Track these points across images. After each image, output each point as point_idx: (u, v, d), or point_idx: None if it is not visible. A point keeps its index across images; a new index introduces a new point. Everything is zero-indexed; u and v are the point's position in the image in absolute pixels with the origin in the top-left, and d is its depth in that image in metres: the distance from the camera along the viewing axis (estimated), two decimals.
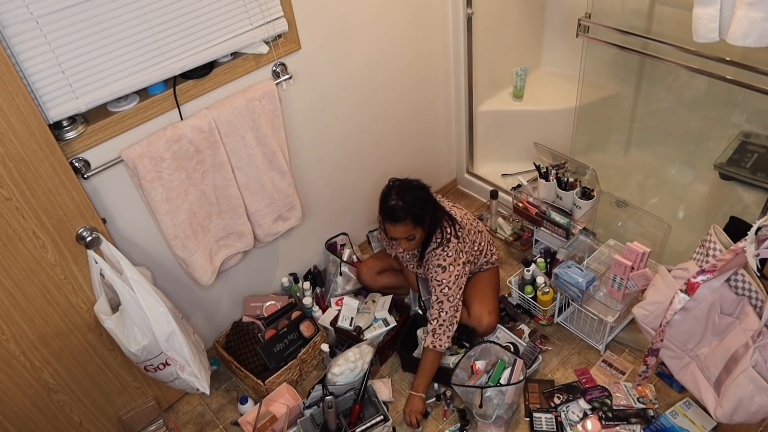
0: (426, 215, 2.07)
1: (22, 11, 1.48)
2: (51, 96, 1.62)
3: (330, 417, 2.01)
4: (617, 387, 2.13)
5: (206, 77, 1.93)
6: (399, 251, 2.33)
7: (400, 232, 2.04)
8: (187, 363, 1.91)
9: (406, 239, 2.07)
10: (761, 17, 1.44)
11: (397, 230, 2.04)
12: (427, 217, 2.07)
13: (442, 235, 2.13)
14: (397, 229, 2.04)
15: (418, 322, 2.41)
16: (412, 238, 2.07)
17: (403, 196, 2.02)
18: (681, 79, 2.34)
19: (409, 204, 2.01)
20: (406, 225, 2.02)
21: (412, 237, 2.07)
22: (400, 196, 2.02)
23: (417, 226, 2.05)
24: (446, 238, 2.13)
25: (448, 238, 2.13)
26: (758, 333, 1.45)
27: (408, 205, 2.01)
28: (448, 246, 2.12)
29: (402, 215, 2.00)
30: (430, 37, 2.58)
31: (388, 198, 2.04)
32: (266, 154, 2.09)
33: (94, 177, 1.79)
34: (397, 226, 2.03)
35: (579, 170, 2.52)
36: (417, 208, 2.03)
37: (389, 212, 2.02)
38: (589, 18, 2.21)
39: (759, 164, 2.15)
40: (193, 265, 2.04)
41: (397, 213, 2.00)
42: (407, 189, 2.05)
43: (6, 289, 1.67)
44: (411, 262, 2.33)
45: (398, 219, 2.01)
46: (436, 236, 2.14)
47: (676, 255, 2.32)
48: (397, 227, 2.03)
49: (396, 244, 2.16)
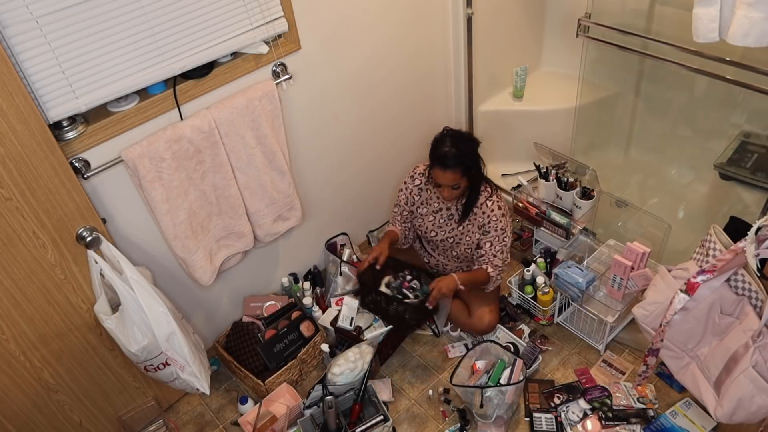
0: (473, 168, 2.12)
1: (22, 11, 1.48)
2: (51, 96, 1.62)
3: (330, 417, 2.01)
4: (617, 387, 2.13)
5: (206, 77, 1.93)
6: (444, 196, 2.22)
7: (449, 179, 2.08)
8: (187, 363, 1.91)
9: (451, 187, 2.11)
10: (761, 17, 1.44)
11: (446, 176, 2.08)
12: (474, 170, 2.13)
13: (491, 186, 2.22)
14: (446, 176, 2.07)
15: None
16: (456, 188, 2.12)
17: (457, 144, 2.07)
18: (681, 79, 2.34)
19: (462, 152, 2.06)
20: (455, 173, 2.07)
21: (457, 186, 2.11)
22: (454, 143, 2.07)
23: (464, 176, 2.10)
24: (495, 188, 2.22)
25: (497, 189, 2.23)
26: (758, 333, 1.45)
27: (461, 153, 2.06)
28: (500, 196, 2.22)
29: (453, 162, 2.05)
30: (430, 37, 2.58)
31: (441, 144, 2.08)
32: (266, 154, 2.09)
33: (94, 177, 1.79)
34: (446, 172, 2.06)
35: (579, 170, 2.52)
36: (468, 158, 2.08)
37: (441, 158, 2.06)
38: (589, 18, 2.21)
39: (759, 164, 2.15)
40: (193, 265, 2.04)
41: (449, 159, 2.05)
42: (460, 138, 2.10)
43: (6, 289, 1.67)
44: (447, 225, 2.33)
45: (449, 165, 2.05)
46: (485, 186, 2.22)
47: (676, 255, 2.32)
48: (447, 173, 2.07)
49: (440, 191, 2.19)
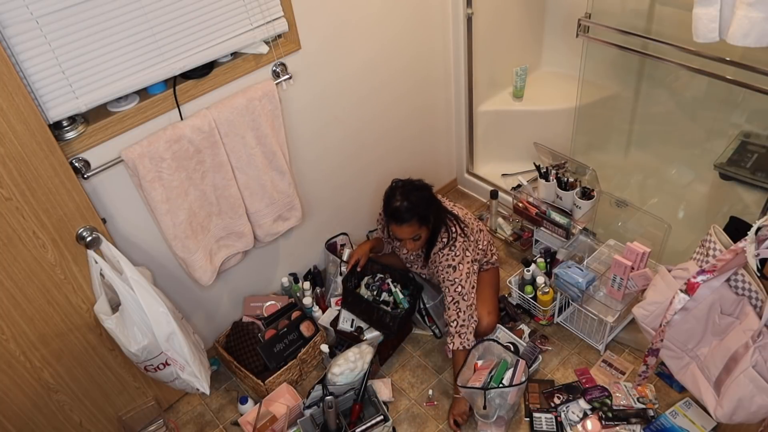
0: (430, 214, 2.08)
1: (22, 11, 1.48)
2: (51, 96, 1.62)
3: (330, 417, 2.01)
4: (617, 387, 2.13)
5: (206, 77, 1.93)
6: (404, 252, 2.33)
7: (406, 233, 2.05)
8: (187, 363, 1.91)
9: (411, 239, 2.08)
10: (761, 17, 1.44)
11: (402, 231, 2.05)
12: (431, 217, 2.08)
13: (449, 235, 2.14)
14: (402, 230, 2.04)
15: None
16: (417, 238, 2.08)
17: (408, 197, 2.02)
18: (681, 79, 2.34)
19: (414, 204, 2.02)
20: (411, 225, 2.03)
21: (417, 237, 2.08)
22: (405, 196, 2.03)
23: (422, 226, 2.06)
24: (452, 237, 2.13)
25: (454, 237, 2.13)
26: (758, 333, 1.45)
27: (413, 205, 2.02)
28: (455, 245, 2.13)
29: (407, 216, 2.01)
30: (430, 37, 2.58)
31: (392, 199, 2.05)
32: (266, 154, 2.09)
33: (94, 177, 1.79)
34: (402, 226, 2.03)
35: (579, 170, 2.52)
36: (422, 207, 2.04)
37: (394, 213, 2.03)
38: (589, 18, 2.21)
39: (759, 164, 2.15)
40: (193, 265, 2.04)
41: (402, 214, 2.01)
42: (411, 189, 2.06)
43: (6, 289, 1.67)
44: (416, 263, 2.34)
45: (404, 220, 2.02)
46: (442, 236, 2.14)
47: (676, 255, 2.32)
48: (403, 228, 2.04)
49: (401, 245, 2.16)
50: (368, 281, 2.42)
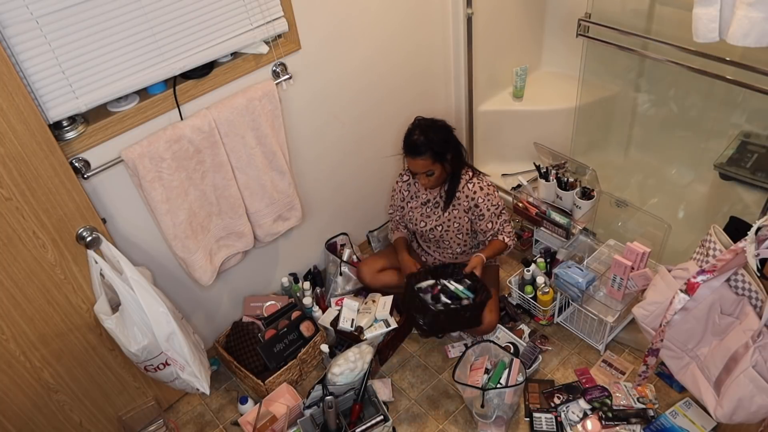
0: (446, 153, 2.16)
1: (22, 11, 1.48)
2: (51, 96, 1.62)
3: (330, 417, 2.01)
4: (617, 387, 2.13)
5: (206, 77, 1.93)
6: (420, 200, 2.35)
7: (420, 166, 2.13)
8: (187, 363, 1.91)
9: (425, 174, 2.15)
10: (761, 17, 1.44)
11: (416, 164, 2.13)
12: (447, 155, 2.16)
13: (473, 170, 2.27)
14: (416, 163, 2.13)
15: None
16: (431, 174, 2.16)
17: (426, 132, 2.12)
18: (681, 79, 2.34)
19: (430, 139, 2.11)
20: (425, 159, 2.11)
21: (431, 173, 2.15)
22: (423, 132, 2.12)
23: (436, 162, 2.14)
24: (477, 172, 2.25)
25: (480, 173, 2.26)
26: (758, 333, 1.45)
27: (429, 140, 2.10)
28: (482, 177, 2.25)
29: (422, 149, 2.10)
30: (431, 37, 2.58)
31: (411, 133, 2.14)
32: (266, 154, 2.09)
33: (94, 177, 1.79)
34: (417, 159, 2.12)
35: (579, 170, 2.52)
36: (437, 144, 2.12)
37: (410, 146, 2.13)
38: (589, 18, 2.21)
39: (759, 164, 2.15)
40: (193, 265, 2.04)
41: (418, 147, 2.10)
42: (430, 126, 2.15)
43: (6, 289, 1.67)
44: (434, 213, 2.34)
45: (418, 153, 2.11)
46: (467, 171, 2.26)
47: (676, 255, 2.32)
48: (417, 161, 2.12)
49: (418, 180, 2.23)
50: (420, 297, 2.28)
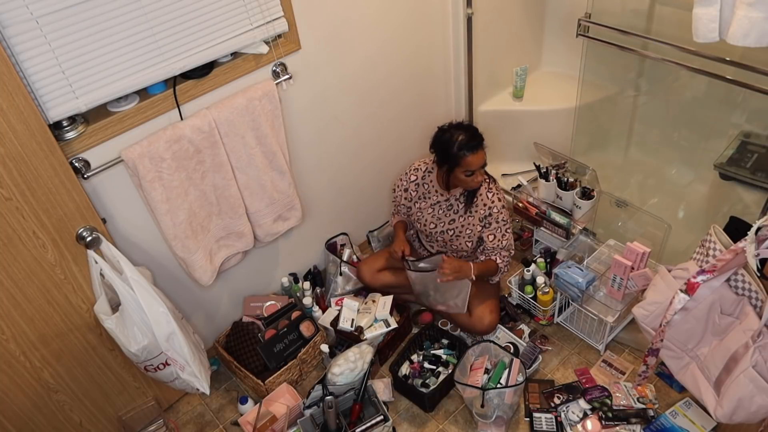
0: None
1: (22, 11, 1.48)
2: (51, 96, 1.62)
3: (330, 417, 2.01)
4: (617, 387, 2.13)
5: (206, 77, 1.93)
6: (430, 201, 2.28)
7: (481, 159, 2.05)
8: (187, 363, 1.91)
9: (480, 167, 2.08)
10: (761, 17, 1.44)
11: (478, 158, 2.04)
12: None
13: (488, 175, 2.22)
14: (478, 157, 2.03)
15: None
16: (485, 165, 2.10)
17: (467, 128, 2.05)
18: (681, 79, 2.34)
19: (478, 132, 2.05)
20: (484, 150, 2.05)
21: (485, 164, 2.09)
22: (464, 128, 2.05)
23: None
24: (492, 178, 2.23)
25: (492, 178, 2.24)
26: (758, 333, 1.45)
27: (477, 132, 2.05)
28: (497, 185, 2.23)
29: (481, 138, 2.03)
30: (430, 37, 2.58)
31: (453, 135, 2.03)
32: (266, 154, 2.09)
33: (94, 177, 1.79)
34: (478, 153, 2.03)
35: (579, 170, 2.52)
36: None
37: (469, 141, 2.01)
38: (589, 18, 2.21)
39: (759, 164, 2.15)
40: (193, 265, 2.04)
41: (476, 140, 2.02)
42: (463, 124, 2.09)
43: (6, 289, 1.67)
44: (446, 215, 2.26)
45: (480, 145, 2.03)
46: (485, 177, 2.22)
47: (676, 255, 2.32)
48: (479, 154, 2.03)
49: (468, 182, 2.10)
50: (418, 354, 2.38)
